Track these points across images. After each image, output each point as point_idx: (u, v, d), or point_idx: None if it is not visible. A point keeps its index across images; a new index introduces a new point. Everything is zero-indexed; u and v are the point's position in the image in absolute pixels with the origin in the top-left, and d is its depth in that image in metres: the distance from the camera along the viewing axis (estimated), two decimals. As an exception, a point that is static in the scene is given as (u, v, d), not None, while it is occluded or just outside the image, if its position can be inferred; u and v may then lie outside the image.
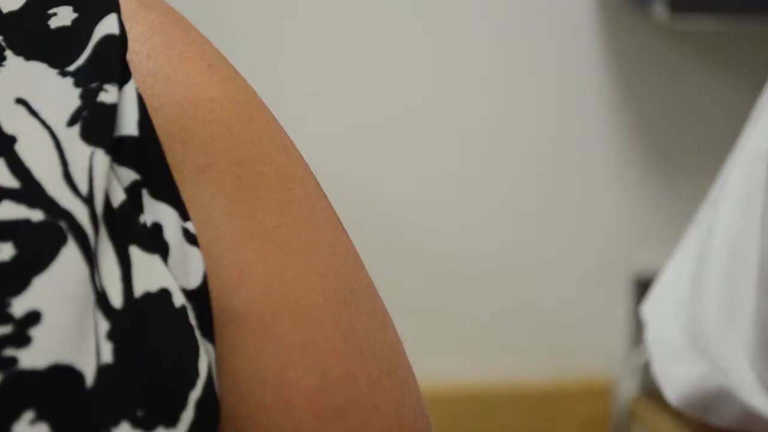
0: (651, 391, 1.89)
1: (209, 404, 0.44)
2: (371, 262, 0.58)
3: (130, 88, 0.48)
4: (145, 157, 0.47)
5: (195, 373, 0.44)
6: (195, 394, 0.44)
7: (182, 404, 0.43)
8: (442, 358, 1.72)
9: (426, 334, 1.69)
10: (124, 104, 0.47)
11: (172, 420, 0.43)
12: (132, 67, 0.48)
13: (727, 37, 1.76)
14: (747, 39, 1.77)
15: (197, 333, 0.45)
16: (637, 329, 2.01)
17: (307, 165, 0.53)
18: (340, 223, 0.52)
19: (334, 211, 0.52)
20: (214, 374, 0.45)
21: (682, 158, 1.80)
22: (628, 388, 1.89)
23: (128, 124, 0.47)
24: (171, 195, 0.47)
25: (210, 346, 0.45)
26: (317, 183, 0.52)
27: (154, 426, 0.43)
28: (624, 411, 1.88)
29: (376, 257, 1.72)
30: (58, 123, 0.46)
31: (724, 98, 1.77)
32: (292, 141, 0.53)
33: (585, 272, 1.88)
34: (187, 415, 0.43)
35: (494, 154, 1.73)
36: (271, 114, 0.52)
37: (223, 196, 0.48)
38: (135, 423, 0.42)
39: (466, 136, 1.71)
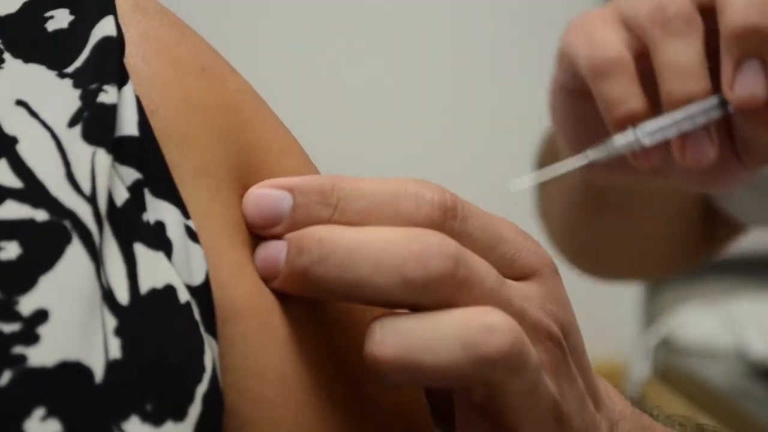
0: (662, 374, 1.90)
1: (215, 398, 0.45)
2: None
3: (128, 90, 0.48)
4: (146, 156, 0.47)
5: (201, 368, 0.45)
6: (201, 389, 0.45)
7: (190, 398, 0.44)
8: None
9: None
10: (124, 105, 0.48)
11: (180, 414, 0.44)
12: (129, 70, 0.49)
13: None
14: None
15: (202, 328, 0.46)
16: (648, 312, 2.01)
17: (305, 160, 0.54)
18: None
19: None
20: (218, 369, 0.46)
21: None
22: (639, 370, 1.90)
23: (128, 125, 0.48)
24: (172, 193, 0.48)
25: (213, 342, 0.46)
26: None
27: (163, 420, 0.43)
28: (636, 393, 1.88)
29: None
30: (59, 124, 0.47)
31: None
32: (288, 135, 0.54)
33: (595, 256, 1.88)
34: (195, 409, 0.44)
35: (495, 144, 1.73)
36: (265, 109, 0.54)
37: (219, 201, 0.49)
38: (144, 417, 0.43)
39: (467, 129, 1.71)
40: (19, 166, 0.46)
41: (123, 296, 0.45)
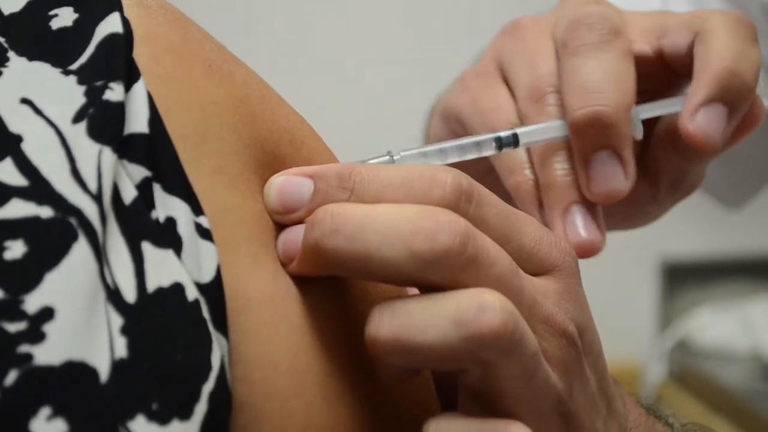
0: (678, 376, 1.89)
1: (222, 396, 0.45)
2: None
3: (139, 87, 0.48)
4: (157, 153, 0.47)
5: (208, 366, 0.45)
6: (208, 387, 0.44)
7: (196, 397, 0.44)
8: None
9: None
10: (134, 103, 0.48)
11: (187, 413, 0.43)
12: (140, 69, 0.49)
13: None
14: None
15: (210, 326, 0.45)
16: (665, 314, 2.01)
17: (317, 145, 0.54)
18: None
19: None
20: (227, 366, 0.46)
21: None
22: (655, 372, 1.89)
23: (138, 122, 0.47)
24: (183, 190, 0.47)
25: (223, 339, 0.46)
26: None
27: (169, 419, 0.43)
28: (651, 395, 1.88)
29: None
30: (63, 121, 0.46)
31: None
32: (297, 122, 0.54)
33: (613, 258, 1.87)
34: (201, 408, 0.44)
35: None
36: (274, 98, 0.54)
37: (238, 195, 0.49)
38: (150, 416, 0.43)
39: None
40: (24, 165, 0.45)
41: (130, 295, 0.44)
